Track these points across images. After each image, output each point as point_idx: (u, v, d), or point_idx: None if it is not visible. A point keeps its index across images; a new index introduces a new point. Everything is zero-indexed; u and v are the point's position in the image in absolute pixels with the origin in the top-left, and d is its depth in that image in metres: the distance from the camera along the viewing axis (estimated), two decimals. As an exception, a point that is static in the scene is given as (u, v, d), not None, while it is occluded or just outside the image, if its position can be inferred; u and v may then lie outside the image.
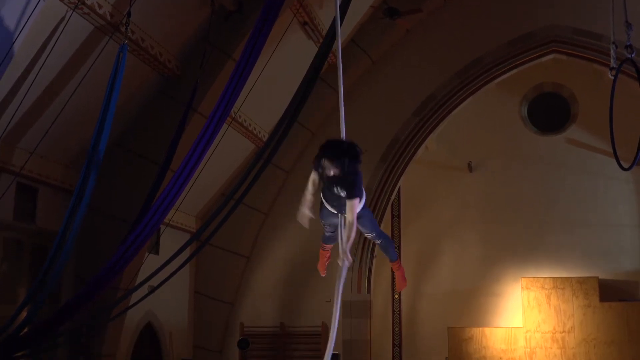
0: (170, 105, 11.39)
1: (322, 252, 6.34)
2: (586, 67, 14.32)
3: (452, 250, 15.07)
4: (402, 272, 6.69)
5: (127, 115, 11.25)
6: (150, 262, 10.77)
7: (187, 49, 11.43)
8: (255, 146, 13.68)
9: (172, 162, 10.28)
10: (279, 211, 14.66)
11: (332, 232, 5.87)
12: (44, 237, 10.38)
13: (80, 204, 8.40)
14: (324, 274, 6.54)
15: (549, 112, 15.37)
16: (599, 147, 14.64)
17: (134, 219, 9.81)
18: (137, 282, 9.98)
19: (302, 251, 13.92)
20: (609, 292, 14.06)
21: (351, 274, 14.11)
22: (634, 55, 8.92)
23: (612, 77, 9.12)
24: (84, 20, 9.37)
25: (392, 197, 14.66)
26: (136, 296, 9.97)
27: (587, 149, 14.96)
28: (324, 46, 8.31)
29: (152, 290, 9.75)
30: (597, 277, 14.07)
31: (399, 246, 14.87)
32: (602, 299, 13.89)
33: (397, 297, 14.98)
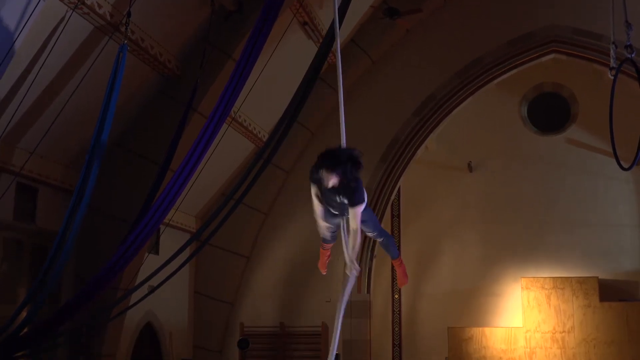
0: (170, 105, 11.39)
1: (322, 252, 6.33)
2: (586, 67, 14.32)
3: (452, 250, 15.06)
4: (403, 269, 6.70)
5: (127, 115, 11.25)
6: (150, 262, 10.77)
7: (187, 49, 11.43)
8: (255, 146, 13.68)
9: (172, 162, 10.28)
10: (279, 211, 14.67)
11: (332, 232, 5.86)
12: (44, 237, 10.38)
13: (80, 204, 8.40)
14: (324, 272, 6.54)
15: (549, 112, 15.36)
16: (599, 147, 14.63)
17: (134, 219, 9.81)
18: (137, 282, 9.98)
19: (302, 251, 13.93)
20: (609, 292, 14.06)
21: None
22: (634, 55, 8.91)
23: (612, 77, 9.11)
24: (83, 20, 9.37)
25: (392, 197, 14.66)
26: (136, 296, 9.97)
27: (587, 149, 14.96)
28: (324, 46, 8.31)
29: (152, 290, 9.75)
30: (597, 277, 14.07)
31: (399, 246, 14.86)
32: (602, 299, 13.88)
33: (397, 297, 14.98)
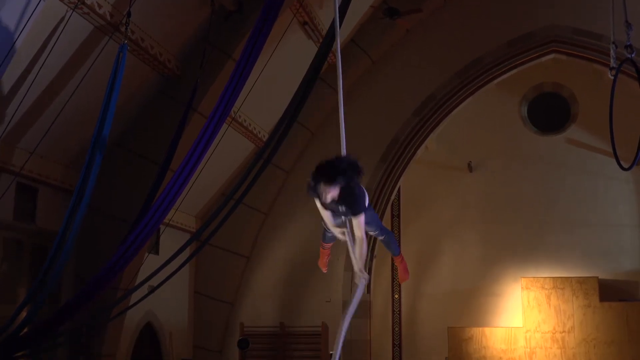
0: (170, 105, 11.39)
1: (323, 251, 6.32)
2: (586, 67, 14.32)
3: (452, 250, 15.07)
4: (404, 265, 6.69)
5: (127, 115, 11.25)
6: (150, 262, 10.76)
7: (187, 49, 11.43)
8: (255, 146, 13.68)
9: (172, 162, 10.28)
10: (279, 211, 14.67)
11: (332, 232, 5.84)
12: (44, 237, 10.38)
13: (80, 204, 8.39)
14: (325, 270, 6.53)
15: (549, 112, 15.37)
16: (599, 147, 14.64)
17: (134, 219, 9.80)
18: (137, 282, 9.97)
19: (302, 251, 13.93)
20: (609, 292, 14.07)
21: (351, 274, 14.06)
22: (634, 55, 8.91)
23: (612, 77, 9.11)
24: (83, 20, 9.36)
25: (392, 197, 14.66)
26: (136, 296, 9.96)
27: (587, 149, 14.97)
28: (324, 46, 8.30)
29: (152, 290, 9.74)
30: (597, 277, 14.07)
31: (399, 246, 14.85)
32: (602, 299, 13.89)
33: (397, 297, 14.98)
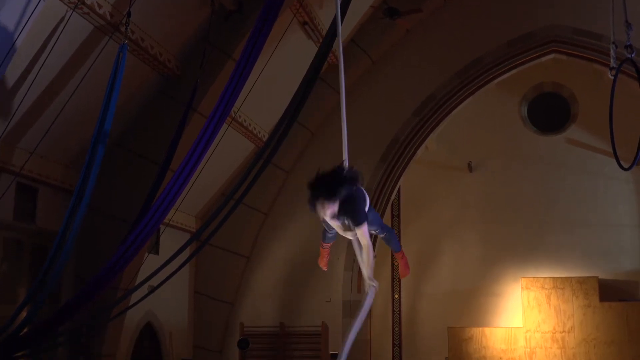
0: (170, 105, 11.39)
1: (323, 250, 6.32)
2: (586, 67, 14.32)
3: (452, 250, 15.06)
4: (405, 260, 6.67)
5: (127, 115, 11.25)
6: (150, 262, 10.76)
7: (187, 49, 11.43)
8: (255, 146, 13.68)
9: (172, 162, 10.28)
10: (279, 211, 14.66)
11: (333, 232, 5.83)
12: (44, 237, 10.38)
13: (80, 204, 8.40)
14: (325, 269, 6.52)
15: (549, 112, 15.36)
16: (599, 147, 14.64)
17: (134, 219, 9.81)
18: (137, 282, 9.97)
19: (302, 251, 13.93)
20: (609, 292, 14.06)
21: (351, 273, 14.12)
22: (634, 55, 8.90)
23: (612, 77, 9.10)
24: (83, 20, 9.37)
25: (392, 197, 14.66)
26: (136, 296, 9.96)
27: (587, 149, 14.96)
28: (324, 46, 8.30)
29: (152, 290, 9.73)
30: (597, 277, 14.07)
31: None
32: (602, 299, 13.88)
33: (397, 297, 14.98)
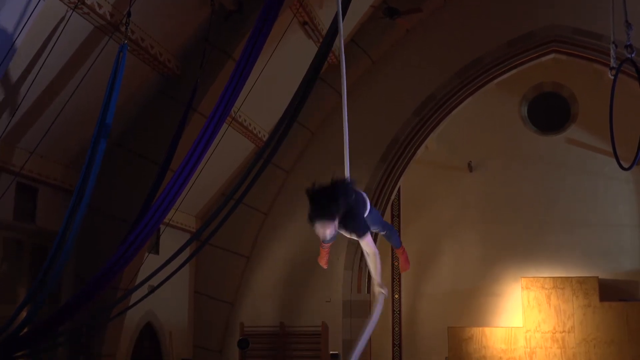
0: (170, 105, 11.39)
1: (322, 250, 6.32)
2: (586, 67, 14.31)
3: (452, 250, 15.06)
4: (406, 256, 6.68)
5: (127, 115, 11.24)
6: (150, 262, 10.77)
7: (187, 49, 11.43)
8: (255, 146, 13.68)
9: (172, 162, 10.28)
10: (279, 211, 14.66)
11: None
12: (44, 237, 10.38)
13: (80, 204, 8.40)
14: (326, 267, 6.52)
15: (549, 112, 15.36)
16: (599, 147, 14.63)
17: (134, 219, 9.81)
18: (137, 282, 9.98)
19: (302, 251, 13.92)
20: (609, 292, 14.06)
21: (351, 273, 14.12)
22: (634, 55, 8.91)
23: (612, 77, 9.11)
24: (83, 20, 9.36)
25: (392, 197, 14.65)
26: (136, 296, 9.97)
27: (587, 149, 14.96)
28: (324, 46, 8.31)
29: (152, 290, 9.74)
30: (597, 277, 14.07)
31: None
32: (602, 299, 13.88)
33: (397, 297, 14.97)
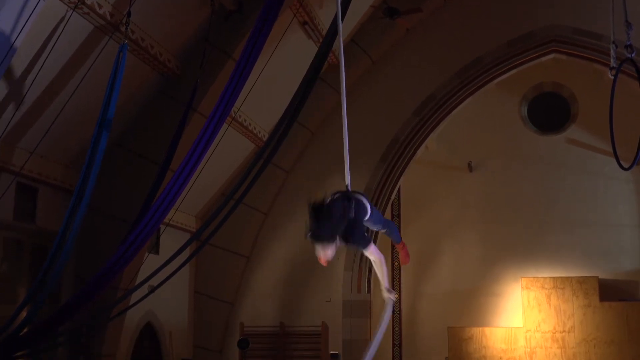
0: (170, 105, 11.39)
1: None
2: (586, 67, 14.31)
3: (452, 250, 15.06)
4: (406, 250, 6.68)
5: (127, 115, 11.24)
6: (150, 262, 10.77)
7: (187, 49, 11.43)
8: (255, 146, 13.68)
9: (172, 162, 10.28)
10: (279, 211, 14.66)
11: None
12: (44, 237, 10.37)
13: (80, 204, 8.41)
14: (326, 265, 6.52)
15: (549, 112, 15.36)
16: (599, 147, 14.63)
17: (134, 219, 9.81)
18: (137, 282, 9.98)
19: (302, 251, 13.92)
20: (609, 291, 14.06)
21: (351, 273, 14.12)
22: (634, 55, 8.90)
23: (612, 77, 9.10)
24: (84, 20, 9.36)
25: (392, 197, 14.65)
26: (136, 296, 9.97)
27: (587, 149, 14.95)
28: (324, 46, 8.32)
29: (152, 290, 9.74)
30: (597, 277, 14.06)
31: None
32: (602, 299, 13.88)
33: (397, 297, 14.97)
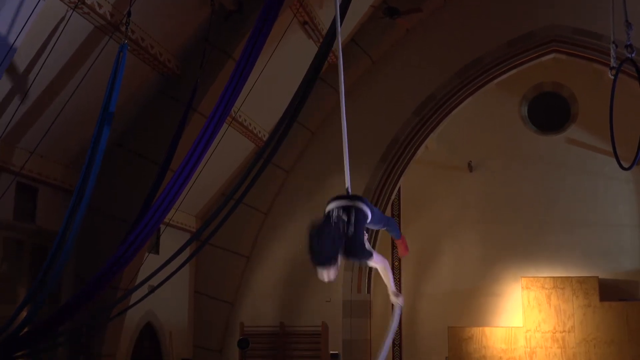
0: (170, 105, 11.39)
1: None
2: (586, 67, 14.31)
3: (452, 250, 15.06)
4: (405, 243, 6.69)
5: (127, 115, 11.24)
6: (150, 262, 10.77)
7: (187, 49, 11.43)
8: (255, 146, 13.68)
9: (172, 162, 10.28)
10: (278, 211, 14.67)
11: None
12: (44, 237, 10.37)
13: (80, 204, 8.40)
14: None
15: (549, 112, 15.36)
16: (599, 147, 14.63)
17: (134, 219, 9.80)
18: (137, 282, 9.98)
19: (302, 251, 13.86)
20: (609, 291, 14.06)
21: (351, 274, 14.12)
22: (634, 54, 8.89)
23: (612, 77, 9.09)
24: (84, 20, 9.37)
25: (392, 197, 14.66)
26: (136, 296, 9.97)
27: (587, 148, 14.95)
28: (324, 46, 8.31)
29: (152, 290, 9.74)
30: (597, 276, 14.07)
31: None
32: (602, 299, 13.88)
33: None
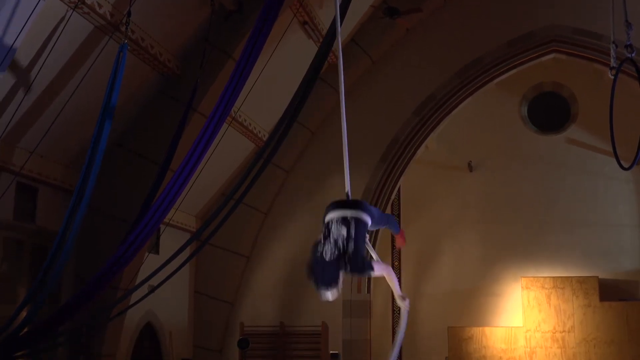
0: (170, 105, 11.39)
1: None
2: (586, 67, 14.32)
3: (452, 250, 15.06)
4: (403, 234, 6.70)
5: (127, 115, 11.24)
6: (150, 262, 10.77)
7: (187, 49, 11.43)
8: (255, 146, 13.68)
9: (172, 162, 10.28)
10: (278, 211, 14.67)
11: None
12: (44, 237, 10.37)
13: (80, 204, 8.40)
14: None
15: (549, 112, 15.36)
16: (599, 147, 14.63)
17: (134, 219, 9.81)
18: (137, 282, 9.98)
19: (302, 251, 13.90)
20: (609, 291, 14.06)
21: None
22: (634, 54, 8.90)
23: (612, 77, 9.10)
24: (84, 19, 9.37)
25: (392, 197, 14.65)
26: (136, 296, 9.97)
27: (587, 148, 14.96)
28: (324, 46, 8.31)
29: (152, 290, 9.73)
30: (597, 276, 14.07)
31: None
32: (602, 299, 13.88)
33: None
